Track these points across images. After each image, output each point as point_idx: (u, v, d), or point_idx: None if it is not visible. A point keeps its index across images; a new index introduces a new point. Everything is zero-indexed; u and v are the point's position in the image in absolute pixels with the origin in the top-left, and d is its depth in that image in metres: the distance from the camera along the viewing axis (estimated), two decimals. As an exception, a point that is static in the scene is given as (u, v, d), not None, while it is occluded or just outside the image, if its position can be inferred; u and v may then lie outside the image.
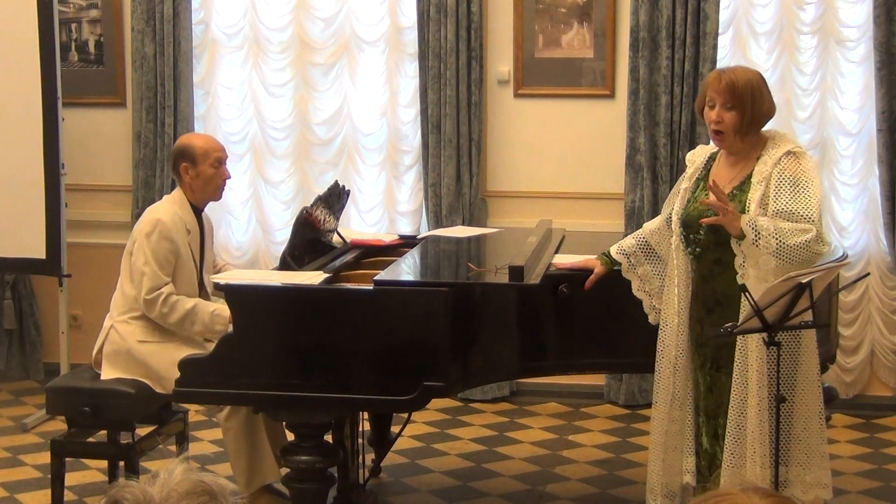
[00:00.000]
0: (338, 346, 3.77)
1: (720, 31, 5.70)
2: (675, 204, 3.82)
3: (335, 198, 4.67)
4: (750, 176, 3.64)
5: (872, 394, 5.91)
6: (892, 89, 5.58)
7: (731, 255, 3.61)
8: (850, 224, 5.82)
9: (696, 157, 3.86)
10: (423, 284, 3.91)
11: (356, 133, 6.19)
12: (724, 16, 5.73)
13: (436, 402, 5.12)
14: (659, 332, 3.82)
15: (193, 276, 4.44)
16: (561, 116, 6.02)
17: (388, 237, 5.02)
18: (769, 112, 3.68)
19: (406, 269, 4.24)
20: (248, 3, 6.20)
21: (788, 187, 3.55)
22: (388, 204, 6.20)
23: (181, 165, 4.43)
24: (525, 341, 4.05)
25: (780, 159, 3.59)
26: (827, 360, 4.55)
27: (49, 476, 4.44)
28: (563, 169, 6.04)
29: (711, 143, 3.81)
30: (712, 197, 3.53)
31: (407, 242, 4.86)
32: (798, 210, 3.53)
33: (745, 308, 3.53)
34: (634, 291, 3.95)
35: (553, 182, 6.06)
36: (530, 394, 6.10)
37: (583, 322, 4.11)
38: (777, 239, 3.47)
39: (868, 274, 5.63)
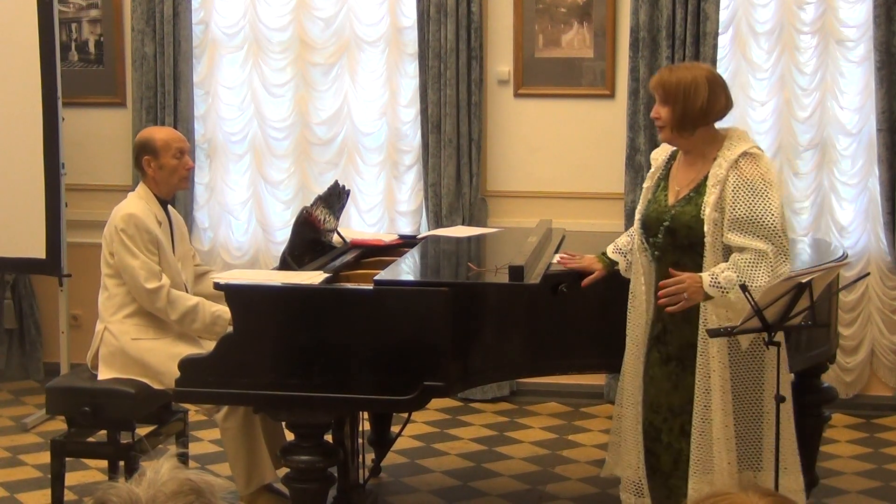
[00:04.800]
0: (338, 346, 3.76)
1: (720, 31, 5.70)
2: (639, 205, 3.80)
3: (335, 198, 4.67)
4: (707, 178, 3.58)
5: (872, 394, 5.92)
6: (892, 89, 5.58)
7: (688, 259, 3.58)
8: (850, 224, 5.82)
9: (658, 156, 3.84)
10: (423, 284, 3.91)
11: (356, 133, 6.19)
12: (724, 16, 5.73)
13: (436, 402, 5.12)
14: (627, 330, 3.81)
15: (177, 267, 4.45)
16: (561, 116, 6.03)
17: (388, 237, 5.02)
18: (707, 111, 3.57)
19: (406, 268, 4.24)
20: (248, 3, 6.20)
21: (746, 192, 3.47)
22: (388, 204, 6.20)
23: (143, 159, 4.46)
24: (525, 341, 4.04)
25: (737, 161, 3.51)
26: (827, 360, 4.55)
27: (49, 476, 4.44)
28: (563, 169, 6.04)
29: None
30: (668, 291, 3.47)
31: (407, 242, 4.86)
32: (757, 217, 3.45)
33: (706, 309, 3.53)
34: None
35: (553, 182, 6.06)
36: (530, 394, 6.10)
37: (583, 321, 4.11)
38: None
39: (868, 274, 5.63)
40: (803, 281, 3.45)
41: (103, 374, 4.38)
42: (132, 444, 4.31)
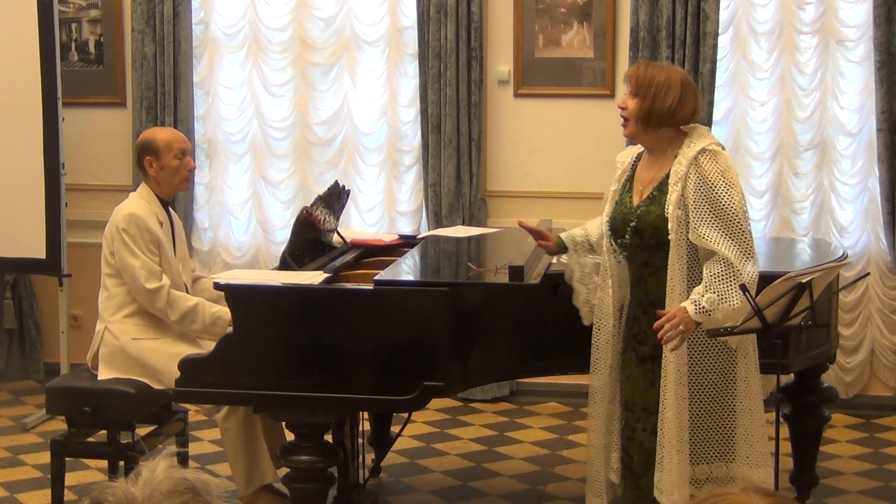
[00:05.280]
0: (338, 346, 3.77)
1: (720, 31, 5.70)
2: (606, 207, 3.79)
3: (335, 198, 4.68)
4: (668, 176, 3.58)
5: (872, 394, 5.92)
6: (892, 89, 5.58)
7: (657, 259, 3.59)
8: (850, 224, 5.82)
9: (624, 158, 3.84)
10: (423, 284, 3.91)
11: (356, 133, 6.19)
12: (724, 16, 5.73)
13: (436, 402, 5.12)
14: (593, 333, 3.81)
15: (178, 268, 4.45)
16: (561, 116, 6.02)
17: (388, 237, 5.02)
18: (675, 112, 3.58)
19: (406, 268, 4.24)
20: (248, 3, 6.20)
21: (706, 189, 3.48)
22: (388, 204, 6.20)
23: (145, 159, 4.47)
24: (525, 341, 4.04)
25: (697, 157, 3.51)
26: (827, 360, 4.55)
27: (49, 476, 4.44)
28: (563, 169, 6.04)
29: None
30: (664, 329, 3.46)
31: (407, 242, 4.86)
32: (718, 214, 3.46)
33: (673, 306, 3.53)
34: (575, 282, 3.90)
35: (553, 182, 6.05)
36: (530, 394, 6.10)
37: (582, 321, 4.10)
38: (725, 302, 3.42)
39: (868, 274, 5.63)
40: (803, 281, 3.46)
41: (103, 373, 4.38)
42: (132, 444, 4.31)
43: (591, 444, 3.89)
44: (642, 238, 3.62)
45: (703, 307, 3.43)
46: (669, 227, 3.52)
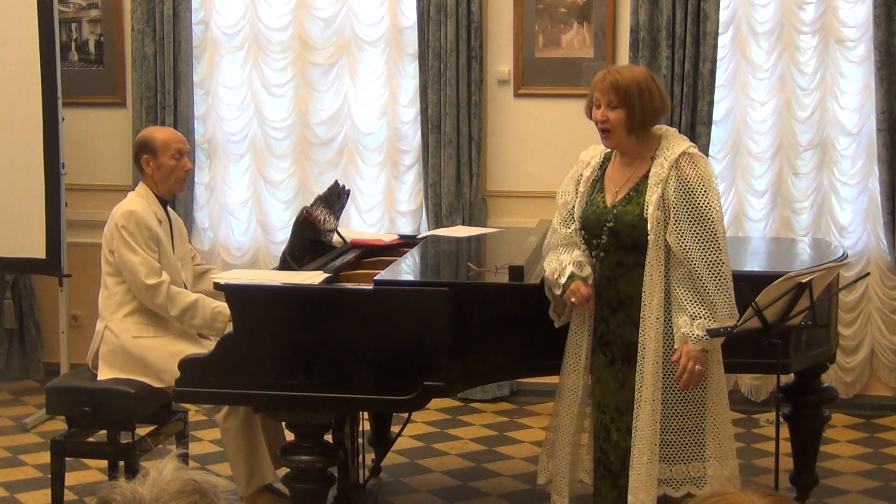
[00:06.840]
0: (338, 346, 3.76)
1: (720, 30, 5.70)
2: (575, 208, 3.77)
3: (335, 197, 4.68)
4: (646, 177, 3.59)
5: (872, 394, 5.92)
6: (892, 89, 5.58)
7: (631, 258, 3.60)
8: (850, 224, 5.82)
9: (589, 158, 3.82)
10: (423, 284, 3.91)
11: (356, 133, 6.20)
12: (724, 16, 5.73)
13: (436, 402, 5.12)
14: (568, 335, 3.81)
15: (176, 265, 4.45)
16: (561, 116, 6.02)
17: (388, 237, 5.02)
18: (660, 110, 3.61)
19: (406, 268, 4.25)
20: (248, 3, 6.20)
21: (685, 193, 3.50)
22: (388, 204, 6.20)
23: (142, 157, 4.47)
24: (525, 341, 4.04)
25: (678, 161, 3.53)
26: (827, 360, 4.56)
27: (49, 476, 4.44)
28: (564, 169, 5.93)
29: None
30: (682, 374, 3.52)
31: (407, 242, 4.86)
32: (695, 219, 3.49)
33: (647, 306, 3.55)
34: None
35: (553, 182, 5.99)
36: (530, 394, 6.10)
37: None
38: (717, 316, 3.46)
39: (868, 274, 5.63)
40: (803, 281, 3.46)
41: (103, 372, 4.37)
42: (132, 444, 4.31)
43: (559, 445, 3.88)
44: (619, 238, 3.62)
45: (699, 335, 3.47)
46: (649, 227, 3.53)
